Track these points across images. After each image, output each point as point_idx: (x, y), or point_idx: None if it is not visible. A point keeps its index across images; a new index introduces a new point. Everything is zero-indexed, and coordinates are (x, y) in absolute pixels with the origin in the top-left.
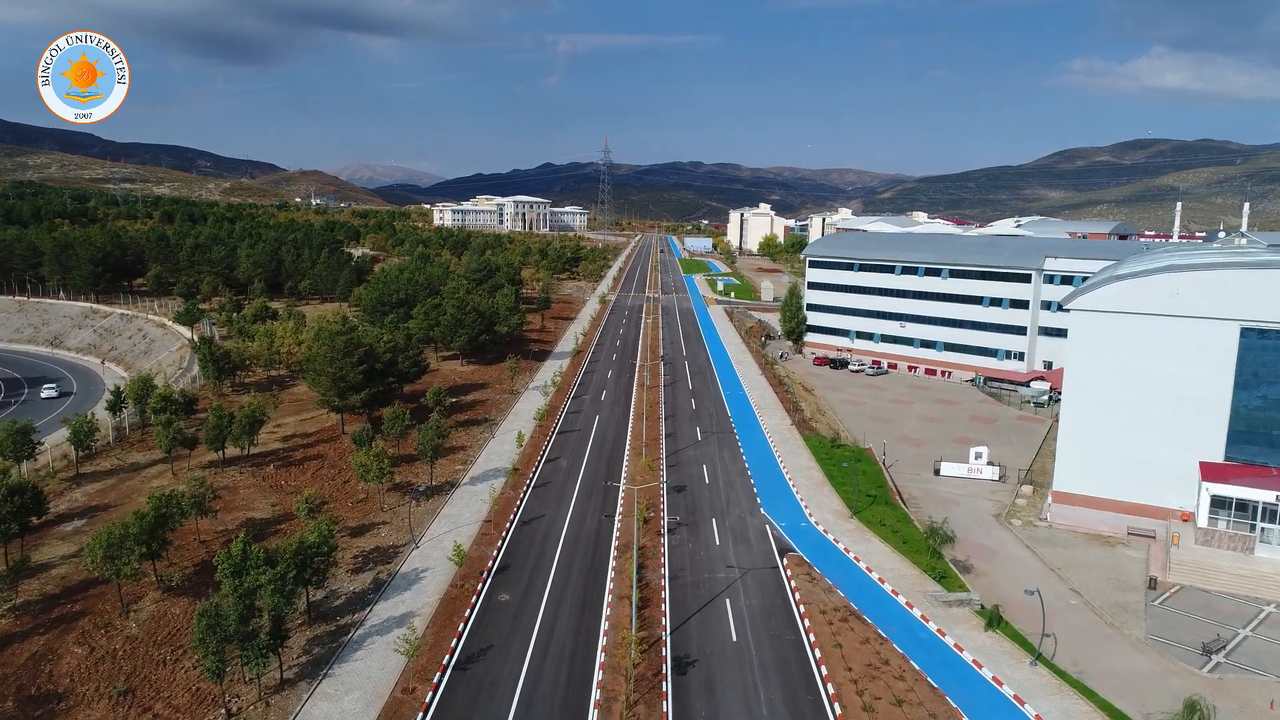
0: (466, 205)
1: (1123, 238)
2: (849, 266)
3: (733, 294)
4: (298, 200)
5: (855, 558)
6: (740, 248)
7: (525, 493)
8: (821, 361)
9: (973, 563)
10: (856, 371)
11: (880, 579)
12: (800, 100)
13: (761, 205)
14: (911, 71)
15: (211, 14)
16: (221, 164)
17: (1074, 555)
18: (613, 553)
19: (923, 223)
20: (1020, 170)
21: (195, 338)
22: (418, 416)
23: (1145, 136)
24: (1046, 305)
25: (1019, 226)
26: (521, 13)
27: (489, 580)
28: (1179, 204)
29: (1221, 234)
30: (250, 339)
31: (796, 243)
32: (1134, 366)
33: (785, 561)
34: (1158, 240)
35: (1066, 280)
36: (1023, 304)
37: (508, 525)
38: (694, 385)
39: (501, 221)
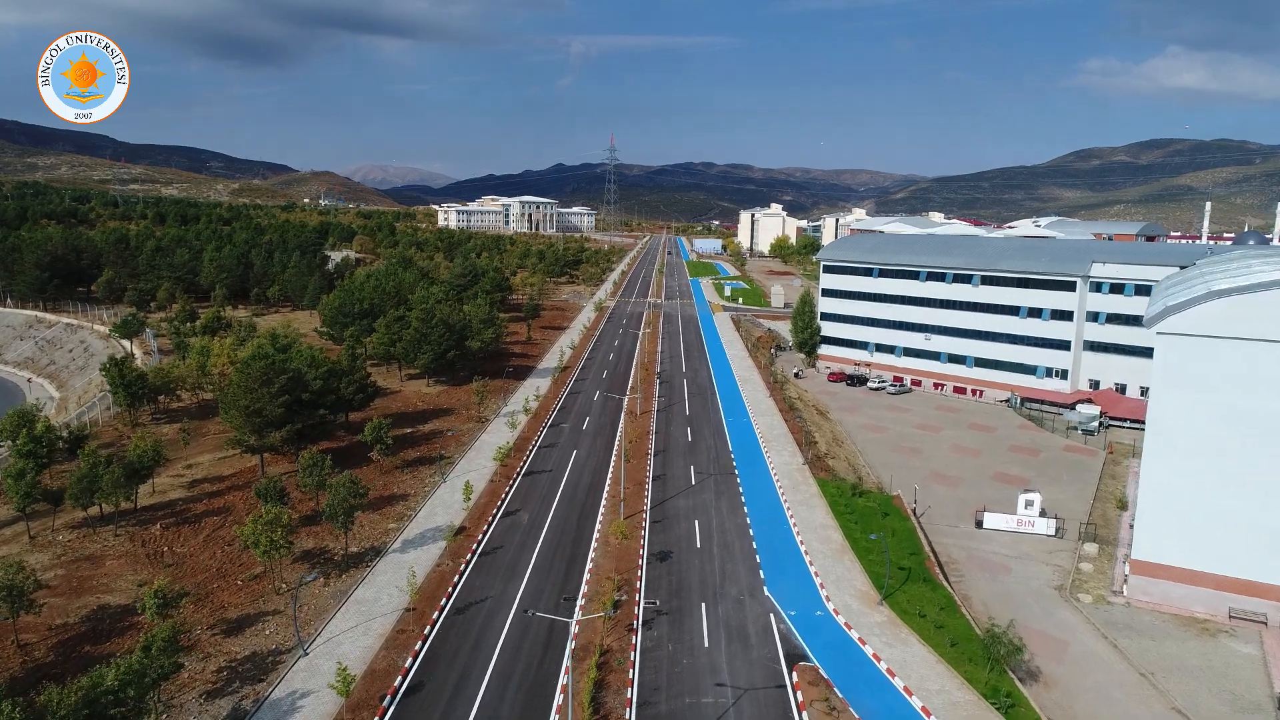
0: (472, 206)
1: (1150, 239)
2: (868, 272)
3: (740, 300)
4: (305, 201)
5: (889, 670)
6: (751, 249)
7: (468, 564)
8: (837, 377)
9: (1038, 664)
10: (876, 389)
11: (925, 709)
12: (813, 101)
13: (773, 206)
14: (925, 72)
15: (229, 17)
16: (235, 165)
17: (1167, 651)
18: (566, 660)
19: (941, 223)
20: (1035, 170)
21: (137, 352)
22: (356, 455)
23: (1164, 136)
24: (1093, 317)
25: (1037, 226)
26: (535, 14)
27: (391, 710)
28: (1208, 204)
29: None
30: (185, 356)
31: (809, 244)
32: (1242, 406)
33: (795, 678)
34: (1191, 242)
35: (1116, 289)
36: (1066, 315)
37: (435, 616)
38: (692, 410)
39: (507, 222)
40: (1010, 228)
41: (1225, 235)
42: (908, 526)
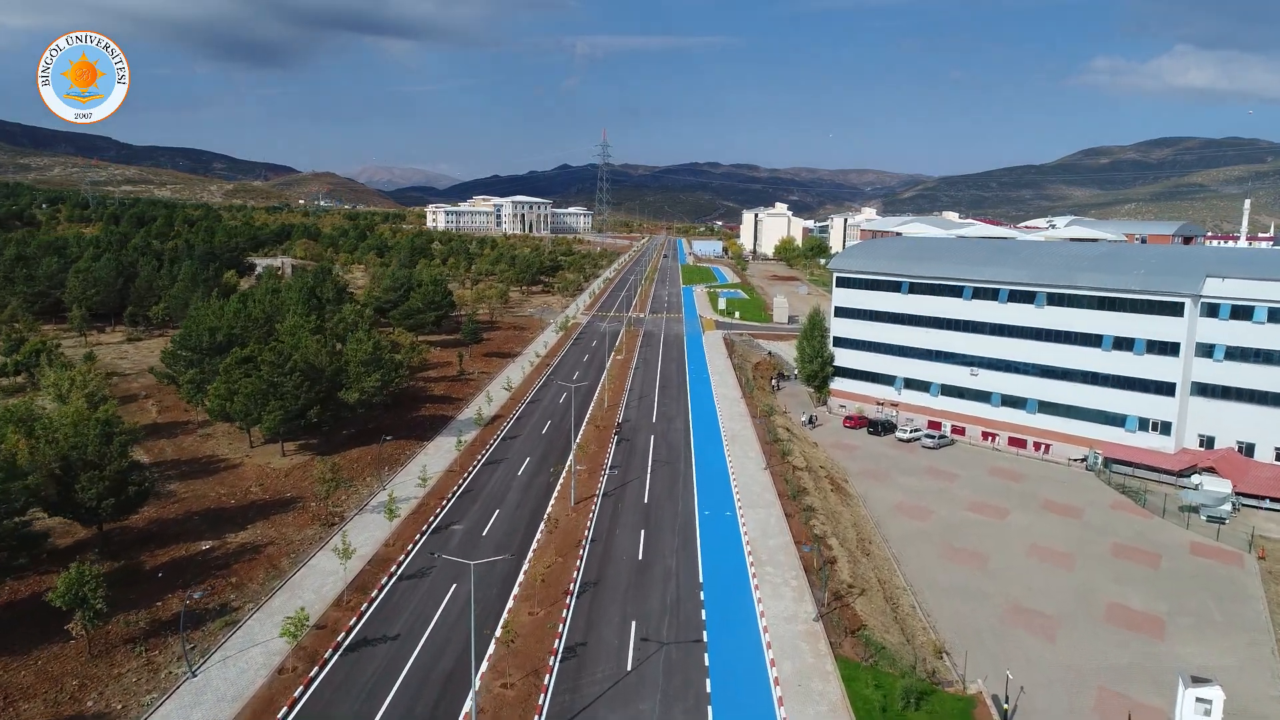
0: (463, 206)
1: (1187, 240)
2: (895, 286)
3: (738, 313)
4: (300, 202)
5: None
6: (754, 251)
7: None
8: (856, 422)
9: None
10: (908, 440)
11: None
12: (818, 101)
13: (778, 205)
14: (931, 71)
15: (236, 19)
16: (238, 166)
17: None
18: None
19: (958, 223)
20: (1043, 169)
21: None
22: (50, 621)
23: (1173, 134)
24: (1206, 351)
25: (1052, 227)
26: (540, 15)
27: None
28: (1247, 201)
29: None
30: None
31: (815, 246)
32: None
33: None
34: (1229, 242)
35: (1241, 313)
36: (1169, 348)
37: None
38: (653, 495)
39: (499, 223)
40: (1028, 227)
41: (1263, 236)
42: None
